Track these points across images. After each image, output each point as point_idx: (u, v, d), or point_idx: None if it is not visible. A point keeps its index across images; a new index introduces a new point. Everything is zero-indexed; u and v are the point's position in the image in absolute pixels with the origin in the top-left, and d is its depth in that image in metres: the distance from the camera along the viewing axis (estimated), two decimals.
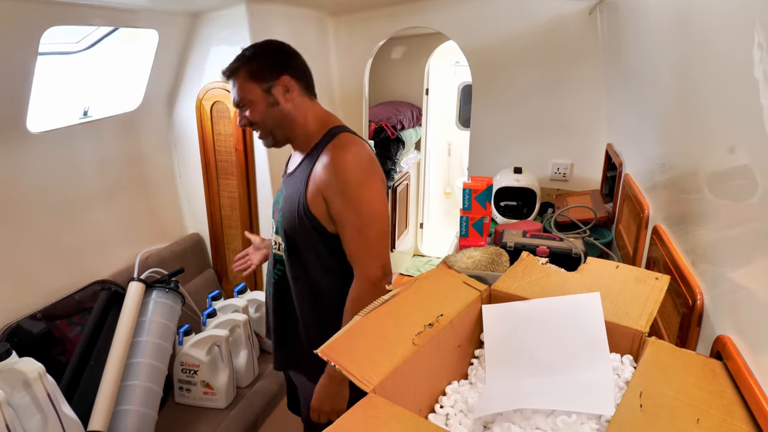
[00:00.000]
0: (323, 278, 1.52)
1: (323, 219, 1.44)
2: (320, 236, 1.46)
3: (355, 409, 0.71)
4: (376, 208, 1.43)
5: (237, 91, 1.45)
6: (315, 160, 1.44)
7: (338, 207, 1.41)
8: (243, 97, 1.44)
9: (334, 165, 1.39)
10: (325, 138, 1.47)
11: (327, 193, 1.40)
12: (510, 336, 0.92)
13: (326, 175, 1.40)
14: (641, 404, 0.70)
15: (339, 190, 1.39)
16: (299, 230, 1.47)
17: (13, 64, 1.69)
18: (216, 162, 2.56)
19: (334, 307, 1.50)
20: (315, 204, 1.43)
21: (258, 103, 1.44)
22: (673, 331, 1.10)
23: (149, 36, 2.24)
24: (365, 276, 1.44)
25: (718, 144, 0.95)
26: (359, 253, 1.44)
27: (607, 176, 2.39)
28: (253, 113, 1.45)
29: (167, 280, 2.19)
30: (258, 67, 1.43)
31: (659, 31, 1.32)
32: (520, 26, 2.56)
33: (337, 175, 1.39)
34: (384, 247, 1.47)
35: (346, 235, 1.43)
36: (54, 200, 2.03)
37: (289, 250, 1.51)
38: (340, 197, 1.39)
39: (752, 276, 0.80)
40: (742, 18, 0.76)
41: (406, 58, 4.61)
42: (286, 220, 1.49)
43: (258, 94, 1.43)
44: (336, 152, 1.41)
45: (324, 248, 1.48)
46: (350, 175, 1.39)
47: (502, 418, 0.80)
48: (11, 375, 1.54)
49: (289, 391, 1.85)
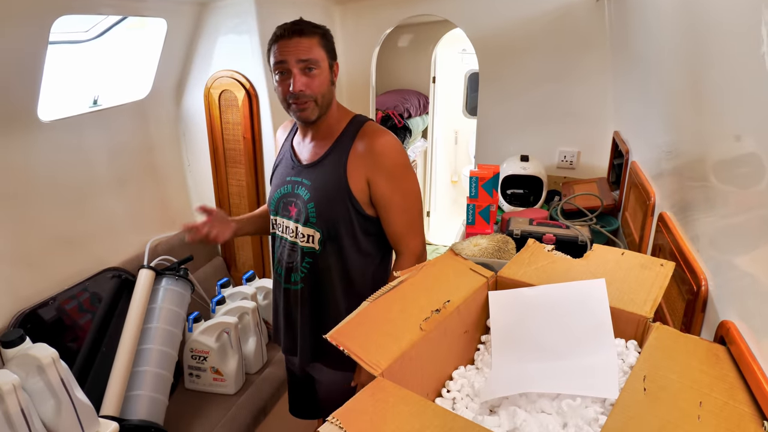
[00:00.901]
0: (358, 262, 1.54)
1: (364, 203, 1.47)
2: (359, 220, 1.49)
3: (364, 392, 0.73)
4: (416, 189, 1.54)
5: (306, 51, 1.39)
6: (348, 147, 1.46)
7: (384, 189, 1.45)
8: (315, 59, 1.40)
9: (380, 149, 1.44)
10: (351, 126, 1.50)
11: (373, 176, 1.44)
12: (516, 322, 0.94)
13: (371, 159, 1.44)
14: (645, 388, 0.71)
15: (386, 172, 1.45)
16: (340, 216, 1.48)
17: (25, 53, 1.71)
18: (224, 150, 2.58)
19: (367, 289, 1.52)
20: (357, 188, 1.45)
21: (324, 73, 1.43)
22: (678, 317, 1.11)
23: (158, 25, 2.25)
24: (412, 252, 1.52)
25: (724, 131, 0.95)
26: (405, 231, 1.52)
27: (613, 164, 2.38)
28: (319, 83, 1.42)
29: (177, 267, 2.21)
30: (329, 41, 1.45)
31: (666, 19, 1.32)
32: (527, 14, 2.54)
33: (383, 159, 1.44)
34: (423, 224, 1.58)
35: (393, 215, 1.49)
36: (64, 188, 2.05)
37: (327, 239, 1.50)
38: (387, 179, 1.45)
39: (757, 263, 0.80)
40: (748, 3, 0.76)
41: (413, 46, 4.59)
42: (323, 209, 1.48)
43: (326, 65, 1.44)
44: (377, 138, 1.46)
45: (361, 232, 1.51)
46: (395, 158, 1.46)
47: (508, 402, 0.81)
48: (25, 360, 1.57)
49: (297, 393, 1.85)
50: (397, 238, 1.52)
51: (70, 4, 1.78)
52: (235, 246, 2.77)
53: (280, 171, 1.62)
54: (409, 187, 1.51)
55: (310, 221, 1.50)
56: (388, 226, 1.51)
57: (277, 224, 1.61)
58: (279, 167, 1.64)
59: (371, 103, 3.12)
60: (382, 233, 1.54)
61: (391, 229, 1.51)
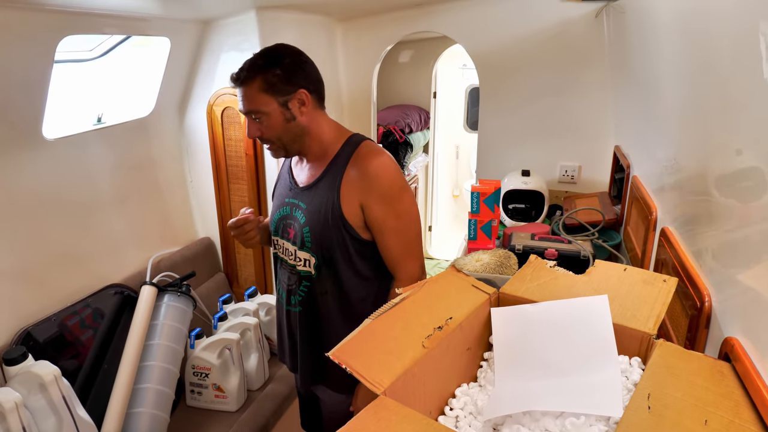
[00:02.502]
0: (356, 286, 1.50)
1: (358, 227, 1.44)
2: (354, 245, 1.45)
3: (366, 410, 0.72)
4: (412, 211, 1.49)
5: (248, 102, 1.37)
6: (342, 170, 1.42)
7: (378, 213, 1.41)
8: (256, 110, 1.38)
9: (373, 172, 1.40)
10: (346, 147, 1.46)
11: (366, 200, 1.40)
12: (519, 339, 0.93)
13: (364, 183, 1.40)
14: (649, 406, 0.71)
15: (379, 196, 1.40)
16: (335, 241, 1.44)
17: (30, 72, 1.73)
18: (227, 167, 2.59)
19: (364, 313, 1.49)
20: (350, 212, 1.41)
21: (273, 117, 1.38)
22: (681, 333, 1.11)
23: (161, 43, 2.28)
24: (409, 276, 1.47)
25: (725, 145, 0.95)
26: (401, 256, 1.47)
27: (615, 178, 2.38)
28: (269, 129, 1.40)
29: (179, 283, 2.21)
30: (274, 80, 1.36)
31: (665, 34, 1.33)
32: (527, 29, 2.56)
33: (377, 182, 1.40)
34: (421, 247, 1.53)
35: (387, 239, 1.45)
36: (68, 205, 2.06)
37: (321, 264, 1.47)
38: (381, 203, 1.41)
39: (760, 278, 0.80)
40: (747, 18, 0.77)
41: (413, 61, 4.63)
42: (317, 234, 1.45)
43: (273, 108, 1.37)
44: (370, 160, 1.41)
45: (357, 256, 1.47)
46: (389, 180, 1.42)
47: (511, 420, 0.81)
48: (27, 378, 1.57)
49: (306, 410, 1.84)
50: (394, 262, 1.48)
51: (74, 24, 1.80)
52: (237, 262, 2.78)
53: (279, 191, 1.60)
54: (404, 209, 1.46)
55: (306, 246, 1.47)
56: (384, 250, 1.47)
57: (278, 245, 1.58)
58: (278, 187, 1.62)
59: (372, 118, 3.13)
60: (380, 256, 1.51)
61: (387, 253, 1.47)
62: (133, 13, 2.00)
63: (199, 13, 2.30)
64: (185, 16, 2.28)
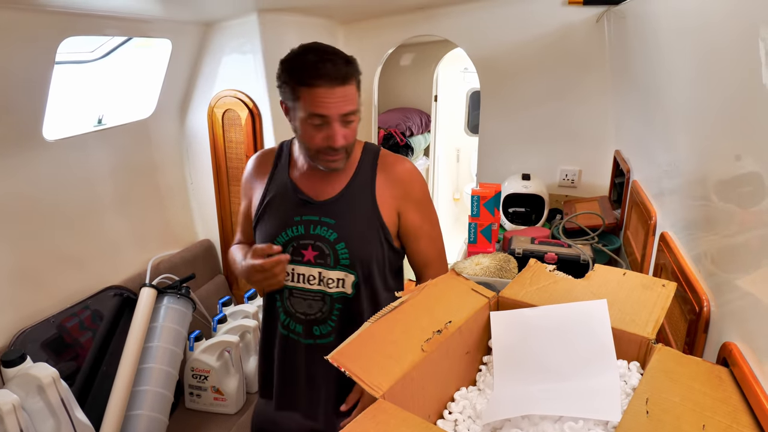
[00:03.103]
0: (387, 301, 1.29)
1: (394, 234, 1.39)
2: (389, 255, 1.40)
3: (365, 414, 0.72)
4: (437, 217, 1.47)
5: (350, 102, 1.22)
6: (372, 177, 1.35)
7: (415, 219, 1.39)
8: (356, 109, 1.24)
9: (407, 178, 1.38)
10: (366, 155, 1.38)
11: (403, 206, 1.37)
12: (518, 343, 0.93)
13: (398, 189, 1.36)
14: (647, 410, 0.71)
15: (415, 201, 1.38)
16: (374, 254, 1.36)
17: (31, 73, 1.73)
18: (227, 169, 2.59)
19: None
20: (390, 221, 1.36)
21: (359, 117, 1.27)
22: (680, 338, 1.11)
23: (163, 45, 2.28)
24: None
25: (724, 151, 0.95)
26: (434, 260, 1.45)
27: (615, 183, 2.39)
28: (354, 128, 1.27)
29: (178, 285, 2.21)
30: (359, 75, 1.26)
31: (666, 39, 1.33)
32: (528, 34, 2.57)
33: (411, 187, 1.38)
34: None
35: (422, 244, 1.42)
36: (68, 207, 2.06)
37: (361, 281, 1.35)
38: (416, 209, 1.38)
39: (759, 283, 0.80)
40: (747, 23, 0.77)
41: (415, 65, 4.64)
42: (356, 248, 1.33)
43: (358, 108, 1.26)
44: (400, 166, 1.38)
45: (388, 268, 1.42)
46: (422, 186, 1.41)
47: (510, 424, 0.81)
48: (26, 380, 1.57)
49: None
50: (426, 268, 1.44)
51: (76, 25, 1.81)
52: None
53: (280, 209, 1.37)
54: (435, 216, 1.45)
55: (341, 263, 1.33)
56: (417, 255, 1.43)
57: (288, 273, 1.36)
58: (274, 204, 1.38)
59: (374, 121, 3.14)
60: (401, 268, 1.48)
61: (420, 258, 1.43)
62: (134, 15, 2.01)
63: (200, 15, 2.31)
64: (187, 18, 2.28)
